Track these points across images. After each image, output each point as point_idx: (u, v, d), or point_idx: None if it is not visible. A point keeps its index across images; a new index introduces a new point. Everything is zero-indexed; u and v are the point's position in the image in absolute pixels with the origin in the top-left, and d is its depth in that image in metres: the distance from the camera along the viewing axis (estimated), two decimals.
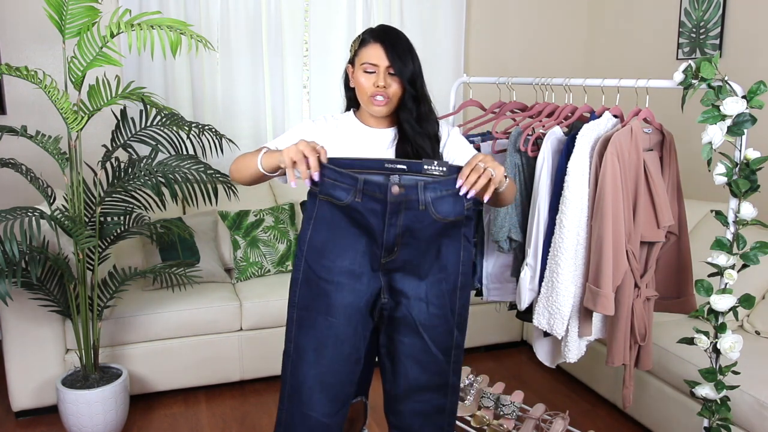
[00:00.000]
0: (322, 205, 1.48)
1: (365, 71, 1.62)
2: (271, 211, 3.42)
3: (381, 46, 1.60)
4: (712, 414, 1.94)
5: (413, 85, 1.62)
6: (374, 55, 1.61)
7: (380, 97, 1.61)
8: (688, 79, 1.83)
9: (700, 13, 3.37)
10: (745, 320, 2.66)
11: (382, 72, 1.61)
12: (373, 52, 1.61)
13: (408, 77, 1.61)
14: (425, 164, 1.44)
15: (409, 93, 1.63)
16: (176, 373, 2.95)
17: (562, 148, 2.04)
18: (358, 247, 1.49)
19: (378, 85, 1.60)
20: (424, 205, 1.45)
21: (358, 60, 1.65)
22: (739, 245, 1.84)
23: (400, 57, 1.60)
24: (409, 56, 1.62)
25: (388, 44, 1.60)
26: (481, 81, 2.57)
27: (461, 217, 1.49)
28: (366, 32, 1.67)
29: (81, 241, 2.35)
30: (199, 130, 2.74)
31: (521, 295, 2.10)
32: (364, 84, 1.62)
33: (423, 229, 1.48)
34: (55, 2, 2.32)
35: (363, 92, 1.64)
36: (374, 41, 1.62)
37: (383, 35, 1.62)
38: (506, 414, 2.47)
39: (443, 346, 1.57)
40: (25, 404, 2.75)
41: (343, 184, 1.44)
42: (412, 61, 1.62)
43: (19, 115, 3.33)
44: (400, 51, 1.61)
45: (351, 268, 1.49)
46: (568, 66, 4.25)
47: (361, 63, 1.63)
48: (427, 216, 1.46)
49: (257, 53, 3.62)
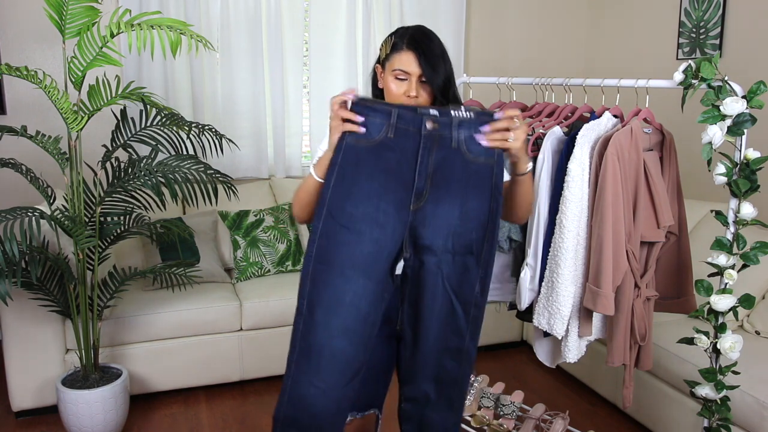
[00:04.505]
0: (349, 150, 1.44)
1: (396, 78, 1.59)
2: (271, 211, 3.42)
3: (413, 53, 1.57)
4: (712, 414, 1.94)
5: (444, 94, 1.60)
6: (406, 62, 1.57)
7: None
8: (688, 79, 1.83)
9: (700, 13, 3.37)
10: (745, 320, 2.66)
11: (414, 80, 1.58)
12: (406, 58, 1.57)
13: (439, 86, 1.58)
14: (452, 109, 1.45)
15: (439, 102, 1.60)
16: (176, 373, 2.95)
17: (562, 148, 2.04)
18: (384, 193, 1.44)
19: (410, 94, 1.58)
20: (457, 143, 1.44)
21: (389, 64, 1.61)
22: (739, 245, 1.85)
23: (432, 65, 1.57)
24: (442, 63, 1.58)
25: (420, 52, 1.57)
26: (481, 81, 2.58)
27: (492, 160, 1.47)
28: (398, 35, 1.62)
29: (81, 241, 2.35)
30: (199, 130, 2.75)
31: (521, 295, 2.10)
32: (395, 90, 1.60)
33: (454, 171, 1.45)
34: (55, 2, 2.32)
35: (393, 98, 1.61)
36: (407, 48, 1.58)
37: (416, 42, 1.58)
38: (506, 414, 2.47)
39: (464, 300, 1.51)
40: (25, 404, 2.75)
41: (376, 118, 1.42)
42: (444, 68, 1.59)
43: (19, 115, 3.33)
44: (433, 58, 1.57)
45: (375, 215, 1.43)
46: (568, 66, 4.26)
47: (392, 69, 1.60)
48: (458, 155, 1.45)
49: (257, 53, 3.62)
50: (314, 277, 1.45)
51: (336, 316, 1.44)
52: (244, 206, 3.41)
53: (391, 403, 1.91)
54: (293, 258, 3.37)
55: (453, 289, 1.50)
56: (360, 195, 1.44)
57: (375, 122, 1.41)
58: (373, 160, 1.43)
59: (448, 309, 1.51)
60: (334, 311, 1.44)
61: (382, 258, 1.45)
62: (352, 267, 1.43)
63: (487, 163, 1.46)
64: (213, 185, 2.59)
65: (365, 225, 1.43)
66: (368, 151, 1.42)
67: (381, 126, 1.41)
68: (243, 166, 3.74)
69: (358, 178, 1.44)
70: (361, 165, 1.44)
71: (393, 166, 1.44)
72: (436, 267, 1.48)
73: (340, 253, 1.44)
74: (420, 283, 1.51)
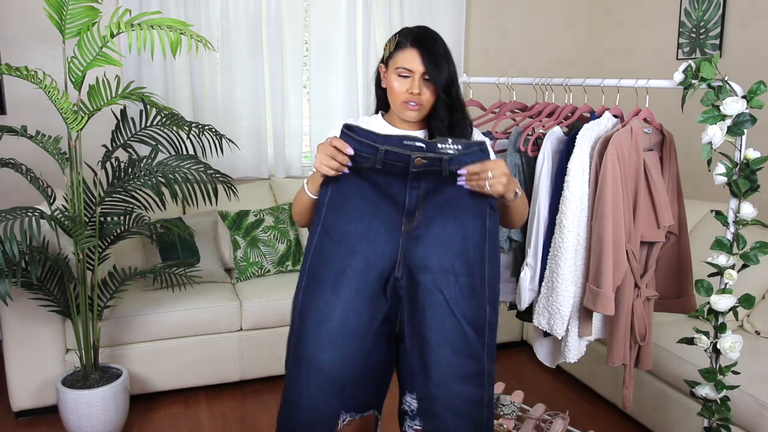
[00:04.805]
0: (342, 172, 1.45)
1: (399, 75, 1.60)
2: (271, 211, 3.42)
3: (417, 51, 1.57)
4: (712, 414, 1.94)
5: (447, 93, 1.60)
6: (410, 60, 1.58)
7: (413, 102, 1.60)
8: (688, 79, 1.83)
9: (700, 13, 3.37)
10: (745, 320, 2.66)
11: (417, 78, 1.58)
12: (409, 56, 1.58)
13: (442, 85, 1.58)
14: (439, 142, 1.42)
15: (442, 101, 1.61)
16: (176, 373, 2.95)
17: (562, 148, 2.04)
18: (375, 213, 1.46)
19: (412, 92, 1.58)
20: (448, 172, 1.43)
21: (392, 63, 1.62)
22: (739, 245, 1.84)
23: (436, 63, 1.57)
24: (445, 62, 1.59)
25: (424, 49, 1.57)
26: (481, 81, 2.58)
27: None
28: (402, 34, 1.62)
29: (81, 241, 2.35)
30: (199, 130, 2.75)
31: (521, 295, 2.10)
32: (398, 89, 1.60)
33: (446, 192, 1.45)
34: (55, 2, 2.32)
35: (396, 96, 1.62)
36: (411, 46, 1.58)
37: (420, 40, 1.58)
38: (506, 414, 2.47)
39: (475, 322, 1.47)
40: (25, 404, 2.75)
41: (363, 153, 1.41)
42: (447, 68, 1.59)
43: (19, 115, 3.33)
44: (437, 57, 1.58)
45: (366, 233, 1.45)
46: (568, 66, 4.26)
47: (395, 67, 1.60)
48: (450, 180, 1.44)
49: (257, 53, 3.62)
50: (306, 290, 1.48)
51: (325, 330, 1.46)
52: (244, 206, 3.41)
53: (391, 403, 1.91)
54: (293, 258, 3.37)
55: (462, 314, 1.46)
56: (353, 213, 1.46)
57: (363, 156, 1.41)
58: (366, 181, 1.46)
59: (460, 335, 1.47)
60: (324, 326, 1.46)
61: (373, 276, 1.46)
62: (343, 284, 1.45)
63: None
64: (213, 185, 2.59)
65: (357, 243, 1.45)
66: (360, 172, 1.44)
67: (369, 159, 1.41)
68: (243, 166, 3.74)
69: (352, 196, 1.46)
70: (354, 184, 1.45)
71: (384, 186, 1.46)
72: (432, 285, 1.47)
73: (332, 269, 1.46)
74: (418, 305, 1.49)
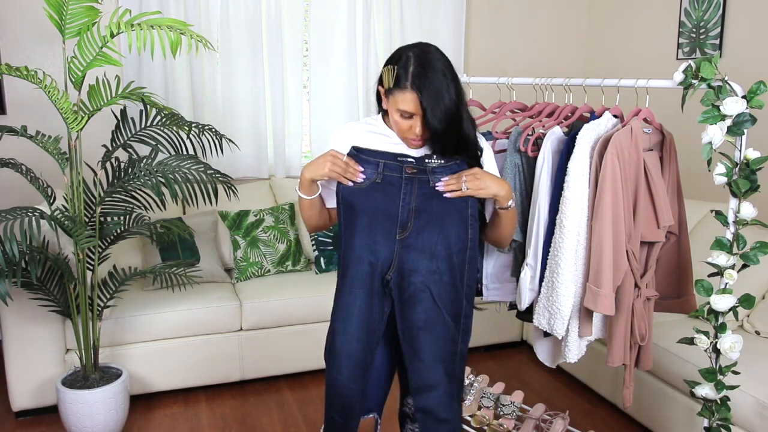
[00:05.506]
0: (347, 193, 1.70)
1: (401, 116, 1.61)
2: (271, 211, 3.42)
3: (417, 95, 1.56)
4: (712, 414, 1.94)
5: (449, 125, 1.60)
6: (410, 103, 1.57)
7: (415, 138, 1.66)
8: (688, 79, 1.83)
9: (700, 13, 3.37)
10: (745, 320, 2.66)
11: (419, 120, 1.60)
12: (410, 99, 1.57)
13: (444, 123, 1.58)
14: (426, 158, 1.70)
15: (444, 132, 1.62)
16: (176, 373, 2.95)
17: (562, 148, 2.04)
18: (376, 225, 1.70)
19: (416, 133, 1.63)
20: (433, 182, 1.68)
21: (393, 99, 1.61)
22: (739, 245, 1.84)
23: (437, 99, 1.55)
24: (446, 92, 1.56)
25: (424, 91, 1.55)
26: (481, 81, 2.57)
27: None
28: (401, 64, 1.59)
29: (81, 241, 2.35)
30: (199, 130, 2.75)
31: (521, 295, 2.10)
32: (400, 125, 1.63)
33: (433, 204, 1.68)
34: (55, 2, 2.32)
35: (398, 130, 1.66)
36: (411, 89, 1.56)
37: (419, 80, 1.56)
38: (506, 414, 2.47)
39: (454, 313, 1.73)
40: (25, 404, 2.75)
41: (368, 169, 1.70)
42: (449, 95, 1.57)
43: (19, 115, 3.33)
44: (437, 94, 1.55)
45: (369, 244, 1.70)
46: (568, 66, 4.26)
47: (396, 107, 1.60)
48: (437, 192, 1.68)
49: (257, 53, 3.62)
50: (336, 296, 1.78)
51: (350, 324, 1.74)
52: (244, 206, 3.41)
53: (391, 404, 1.91)
54: (293, 258, 3.38)
55: (444, 307, 1.72)
56: (359, 227, 1.71)
57: (367, 172, 1.71)
58: (366, 199, 1.70)
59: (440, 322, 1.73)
60: (349, 321, 1.74)
61: (376, 277, 1.73)
62: (358, 286, 1.73)
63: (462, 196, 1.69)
64: (213, 185, 2.59)
65: (363, 251, 1.71)
66: (362, 192, 1.70)
67: (372, 174, 1.70)
68: (243, 166, 3.74)
69: (358, 213, 1.70)
70: (358, 203, 1.70)
71: (381, 203, 1.69)
72: (423, 285, 1.70)
73: (349, 275, 1.74)
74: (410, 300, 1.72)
